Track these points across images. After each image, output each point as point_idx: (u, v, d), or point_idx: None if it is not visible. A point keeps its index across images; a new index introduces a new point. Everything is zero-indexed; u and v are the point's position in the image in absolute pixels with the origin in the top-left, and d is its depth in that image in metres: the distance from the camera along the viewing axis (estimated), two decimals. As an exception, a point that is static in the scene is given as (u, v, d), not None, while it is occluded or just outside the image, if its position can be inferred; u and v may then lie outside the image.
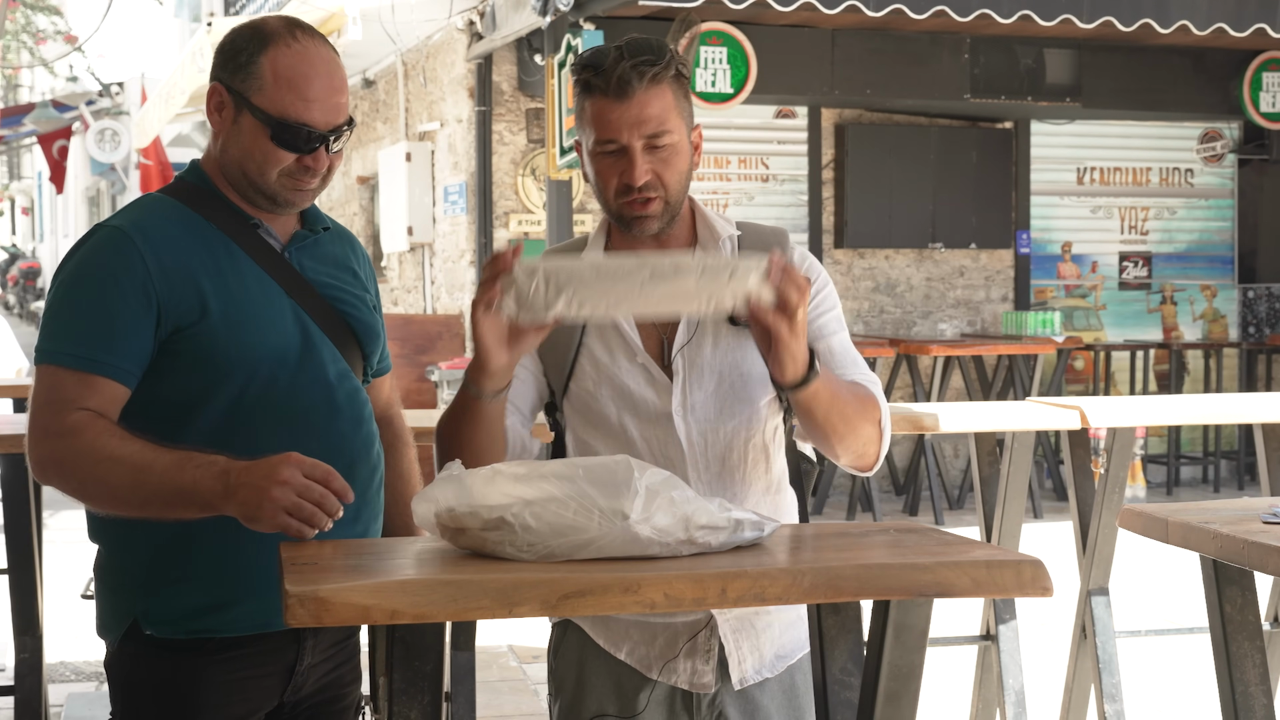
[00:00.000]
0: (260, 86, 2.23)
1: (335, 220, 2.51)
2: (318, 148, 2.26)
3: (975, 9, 7.52)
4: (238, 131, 2.26)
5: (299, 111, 2.22)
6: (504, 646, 6.13)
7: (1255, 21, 7.92)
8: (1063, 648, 5.15)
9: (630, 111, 2.20)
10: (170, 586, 2.25)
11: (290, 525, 1.98)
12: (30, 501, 3.93)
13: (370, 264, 2.54)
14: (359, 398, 2.37)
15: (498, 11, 8.58)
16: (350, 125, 2.30)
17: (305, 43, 2.26)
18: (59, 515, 8.30)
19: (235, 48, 2.27)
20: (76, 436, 2.13)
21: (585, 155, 2.29)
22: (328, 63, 2.27)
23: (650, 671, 2.33)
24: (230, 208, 2.31)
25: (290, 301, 2.30)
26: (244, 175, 2.28)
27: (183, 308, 2.21)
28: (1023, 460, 4.42)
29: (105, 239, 2.23)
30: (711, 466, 2.29)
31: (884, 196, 9.83)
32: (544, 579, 1.72)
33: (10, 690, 4.01)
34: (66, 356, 2.18)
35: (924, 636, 1.96)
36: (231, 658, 2.27)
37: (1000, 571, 1.83)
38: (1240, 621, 2.61)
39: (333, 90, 2.26)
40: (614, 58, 2.21)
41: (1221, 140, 10.67)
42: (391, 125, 10.99)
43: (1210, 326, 10.82)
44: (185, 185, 2.35)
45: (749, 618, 2.33)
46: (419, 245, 10.26)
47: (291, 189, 2.28)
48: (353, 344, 2.38)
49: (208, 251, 2.25)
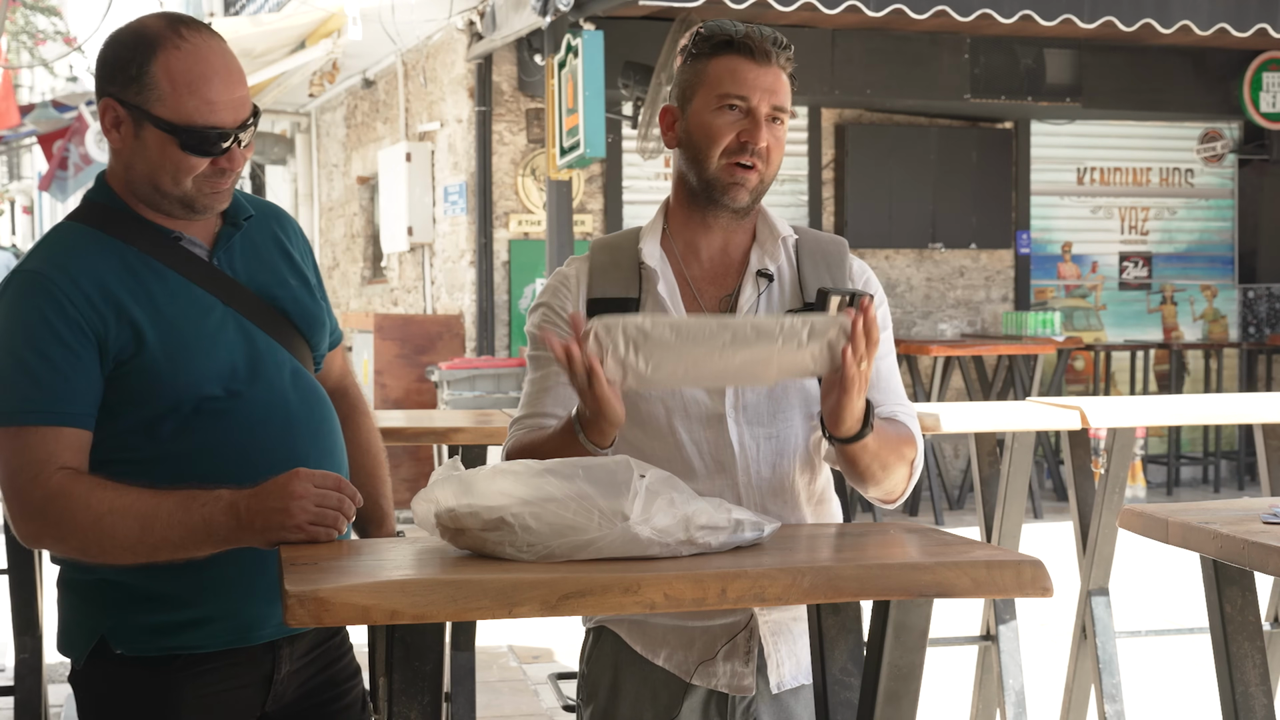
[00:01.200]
0: (158, 96, 2.11)
1: (257, 198, 2.39)
2: (230, 147, 2.16)
3: (976, 9, 7.52)
4: (141, 146, 2.15)
5: (205, 115, 2.12)
6: (504, 646, 6.13)
7: (1257, 21, 7.92)
8: (1063, 648, 5.15)
9: (765, 78, 2.24)
10: (139, 603, 2.18)
11: (319, 534, 1.99)
12: (30, 502, 3.93)
13: (303, 236, 2.42)
14: (315, 393, 2.29)
15: (498, 11, 8.58)
16: (257, 115, 2.20)
17: (194, 40, 2.14)
18: (59, 515, 8.30)
19: (120, 58, 2.15)
20: (67, 499, 2.06)
21: (690, 119, 2.27)
22: (222, 56, 2.15)
23: (688, 676, 2.30)
24: (146, 224, 2.20)
25: (230, 311, 2.21)
26: (156, 189, 2.17)
27: (121, 341, 2.12)
28: (1023, 460, 4.42)
29: (26, 286, 2.13)
30: (763, 471, 2.26)
31: (884, 197, 9.83)
32: (544, 579, 1.72)
33: (10, 690, 4.01)
34: (25, 414, 2.08)
35: (924, 636, 1.96)
36: (204, 672, 2.21)
37: (1000, 571, 1.83)
38: (1240, 622, 2.61)
39: (233, 85, 2.15)
40: (749, 29, 2.25)
41: (1222, 140, 10.67)
42: (391, 125, 10.99)
43: (1210, 327, 10.82)
44: (96, 207, 2.23)
45: (787, 622, 2.30)
46: (419, 245, 10.26)
47: (209, 193, 2.18)
48: (297, 337, 2.30)
49: (133, 277, 2.16)
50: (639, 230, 2.37)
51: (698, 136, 2.26)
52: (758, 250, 2.32)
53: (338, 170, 12.73)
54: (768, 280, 2.30)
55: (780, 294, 2.31)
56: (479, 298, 9.20)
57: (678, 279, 2.32)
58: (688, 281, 2.32)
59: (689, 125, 2.27)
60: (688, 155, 2.29)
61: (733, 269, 2.33)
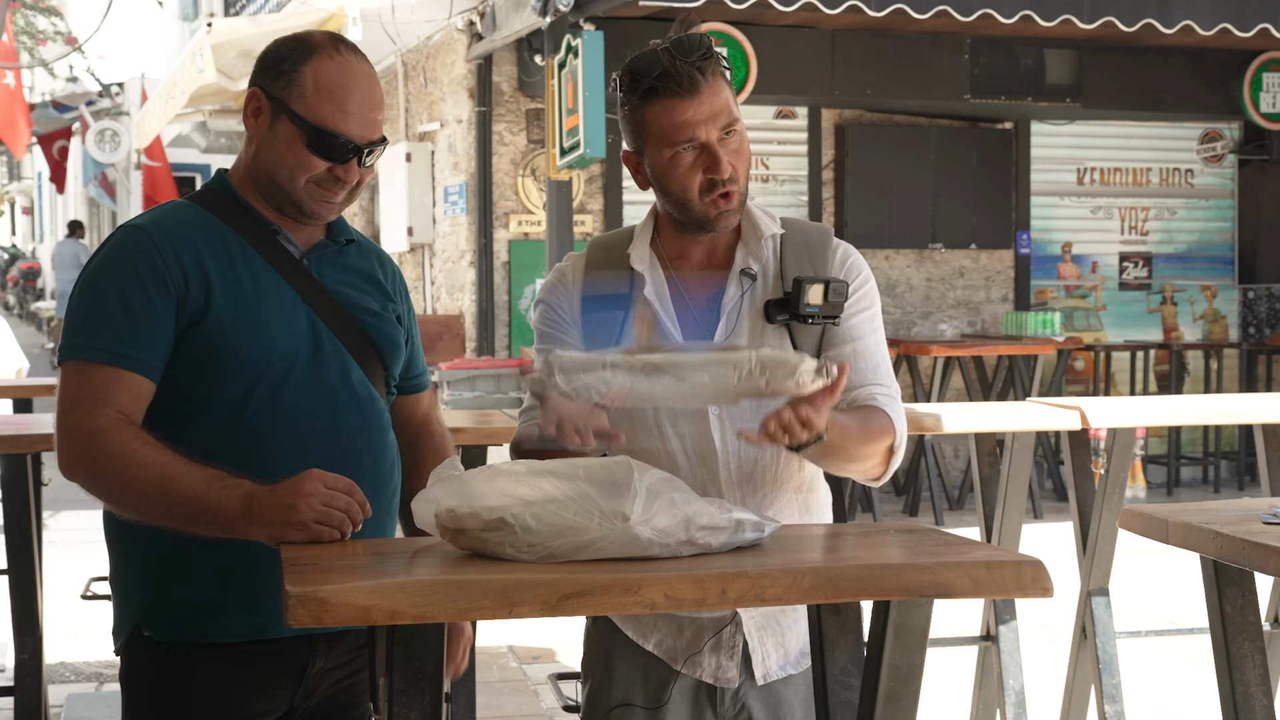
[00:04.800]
0: (301, 94, 2.25)
1: (368, 239, 2.52)
2: (351, 159, 2.28)
3: (977, 9, 7.52)
4: (273, 137, 2.28)
5: (337, 121, 2.25)
6: (504, 646, 6.13)
7: (1259, 21, 7.92)
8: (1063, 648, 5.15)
9: (703, 107, 2.21)
10: (168, 591, 2.27)
11: (322, 533, 2.02)
12: (30, 501, 3.94)
13: (401, 279, 2.52)
14: (374, 408, 2.36)
15: (498, 12, 8.58)
16: (383, 143, 2.33)
17: (348, 57, 2.29)
18: (59, 515, 8.30)
19: (278, 56, 2.30)
20: (109, 436, 2.15)
21: (651, 167, 2.27)
22: (368, 78, 2.30)
23: (676, 664, 2.35)
24: (251, 214, 2.33)
25: (305, 307, 2.30)
26: (273, 181, 2.30)
27: (195, 301, 2.23)
28: (1023, 461, 4.42)
29: (126, 237, 2.26)
30: (744, 466, 2.28)
31: (884, 197, 9.83)
32: (544, 579, 1.72)
33: (10, 691, 4.01)
34: (94, 351, 2.19)
35: (924, 637, 1.96)
36: (235, 660, 2.27)
37: (1000, 572, 1.83)
38: (1240, 622, 2.61)
39: (371, 106, 2.29)
40: (667, 59, 2.21)
41: (1222, 140, 10.67)
42: (392, 126, 11.00)
43: (1210, 327, 10.82)
44: (208, 192, 2.38)
45: (774, 615, 2.33)
46: (419, 246, 10.26)
47: (319, 199, 2.30)
48: (372, 354, 2.38)
49: (224, 252, 2.28)
50: (634, 230, 2.40)
51: (666, 184, 2.27)
52: (742, 249, 2.34)
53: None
54: (750, 279, 2.32)
55: (763, 289, 2.33)
56: (479, 298, 9.20)
57: (667, 280, 2.34)
58: (677, 283, 2.35)
59: (654, 173, 2.28)
60: (664, 198, 2.30)
61: (719, 269, 2.36)
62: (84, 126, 19.31)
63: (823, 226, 2.42)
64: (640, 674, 2.37)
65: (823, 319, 2.26)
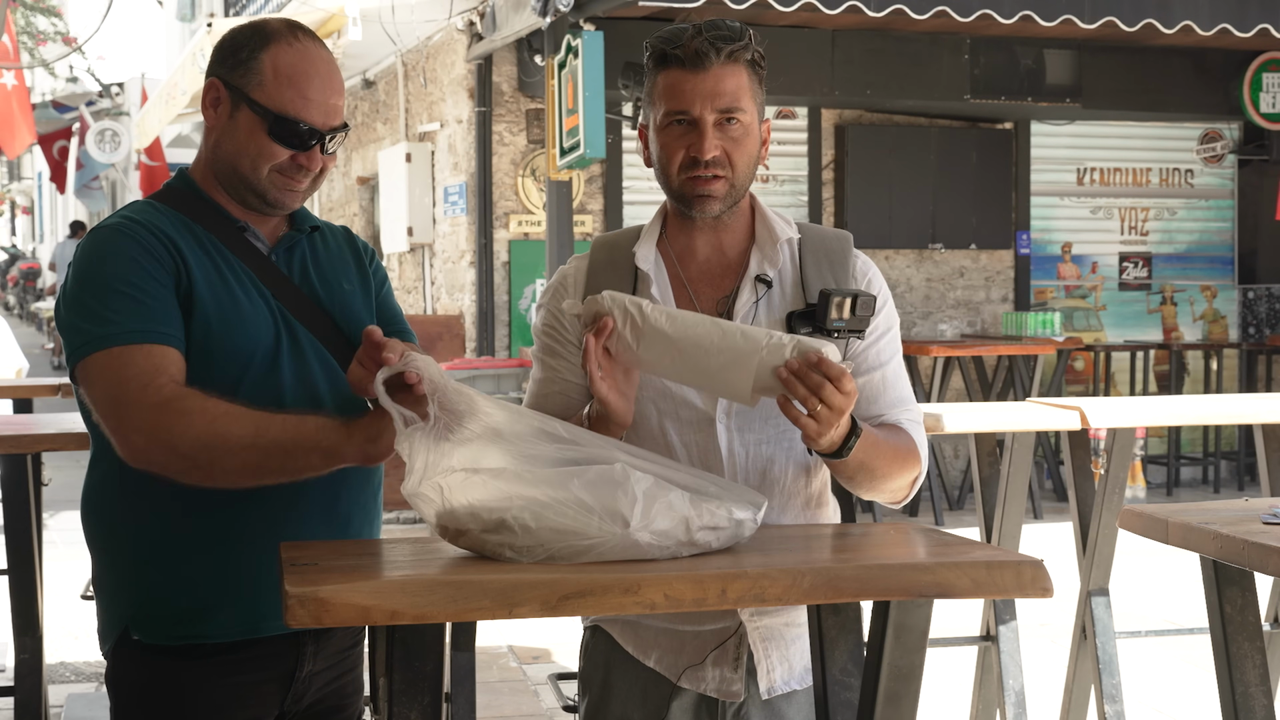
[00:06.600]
0: (260, 82, 2.23)
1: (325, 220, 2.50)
2: (313, 146, 2.26)
3: (976, 9, 7.52)
4: (233, 127, 2.26)
5: (298, 108, 2.23)
6: (504, 647, 6.13)
7: (1259, 22, 7.92)
8: (1063, 648, 5.15)
9: (705, 84, 2.19)
10: (155, 592, 2.24)
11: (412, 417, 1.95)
12: (30, 501, 3.93)
13: (371, 251, 2.50)
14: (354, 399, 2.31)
15: (498, 12, 8.58)
16: (345, 129, 2.31)
17: (306, 43, 2.27)
18: (59, 515, 8.30)
19: (235, 44, 2.28)
20: (182, 401, 2.09)
21: (651, 134, 2.26)
22: (327, 64, 2.28)
23: (677, 679, 2.30)
24: (217, 211, 2.30)
25: (276, 303, 2.29)
26: (235, 171, 2.27)
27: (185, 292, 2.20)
28: (1023, 461, 4.42)
29: (107, 234, 2.22)
30: (751, 477, 2.24)
31: (884, 197, 9.83)
32: (544, 580, 1.72)
33: (10, 691, 4.01)
34: (122, 335, 2.13)
35: (924, 637, 1.96)
36: (225, 663, 2.25)
37: (1000, 572, 1.83)
38: (1240, 622, 2.61)
39: (331, 91, 2.27)
40: (691, 33, 2.20)
41: (1221, 141, 10.67)
42: (391, 126, 10.99)
43: (1210, 327, 10.82)
44: (171, 190, 2.34)
45: (779, 628, 2.28)
46: (419, 246, 10.26)
47: (283, 187, 2.28)
48: (343, 343, 2.35)
49: (198, 246, 2.25)
50: (640, 229, 2.36)
51: (657, 155, 2.26)
52: (757, 254, 2.29)
53: (338, 170, 12.73)
54: (766, 286, 2.28)
55: (781, 297, 2.28)
56: (479, 298, 9.20)
57: (673, 281, 2.30)
58: (684, 283, 2.30)
59: (651, 142, 2.27)
60: (657, 173, 2.29)
61: (729, 270, 2.31)
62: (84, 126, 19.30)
63: (842, 233, 2.37)
64: (639, 691, 2.33)
65: (848, 333, 2.21)
